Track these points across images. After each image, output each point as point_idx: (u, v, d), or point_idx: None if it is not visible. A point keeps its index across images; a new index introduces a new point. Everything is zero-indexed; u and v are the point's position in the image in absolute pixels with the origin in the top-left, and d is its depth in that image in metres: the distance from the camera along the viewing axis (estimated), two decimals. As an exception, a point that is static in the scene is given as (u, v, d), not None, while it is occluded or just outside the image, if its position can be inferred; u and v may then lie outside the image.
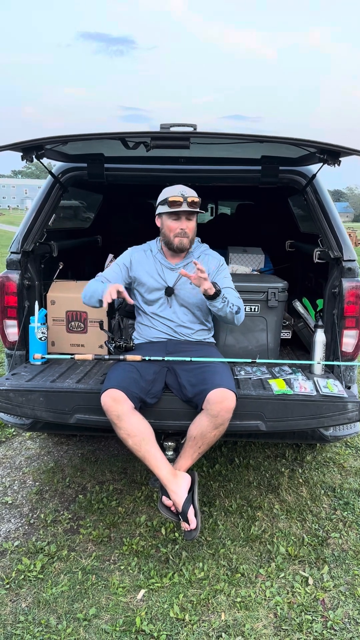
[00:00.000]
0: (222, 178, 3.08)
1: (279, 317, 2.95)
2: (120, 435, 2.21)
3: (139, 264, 2.61)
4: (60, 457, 3.33)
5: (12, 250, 2.78)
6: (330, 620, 2.04)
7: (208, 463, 3.24)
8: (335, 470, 3.22)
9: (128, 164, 3.01)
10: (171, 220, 2.49)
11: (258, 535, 2.55)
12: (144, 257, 2.63)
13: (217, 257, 2.66)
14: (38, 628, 1.98)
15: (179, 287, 2.56)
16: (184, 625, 2.02)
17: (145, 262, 2.61)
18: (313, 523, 2.67)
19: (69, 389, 2.38)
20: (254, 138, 2.34)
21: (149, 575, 2.27)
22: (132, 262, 2.62)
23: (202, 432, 2.21)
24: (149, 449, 2.21)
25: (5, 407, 2.36)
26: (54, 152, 2.76)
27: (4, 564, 2.34)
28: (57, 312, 2.95)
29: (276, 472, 3.17)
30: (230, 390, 2.18)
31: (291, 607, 2.11)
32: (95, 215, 4.36)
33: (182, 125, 2.30)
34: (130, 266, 2.62)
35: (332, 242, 2.68)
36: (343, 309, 2.62)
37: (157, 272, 2.58)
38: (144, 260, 2.62)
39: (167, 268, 2.58)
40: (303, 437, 2.75)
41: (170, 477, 2.21)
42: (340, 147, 2.23)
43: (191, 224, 2.51)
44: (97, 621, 2.03)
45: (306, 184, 2.84)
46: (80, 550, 2.43)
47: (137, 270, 2.61)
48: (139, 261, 2.62)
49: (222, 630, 1.99)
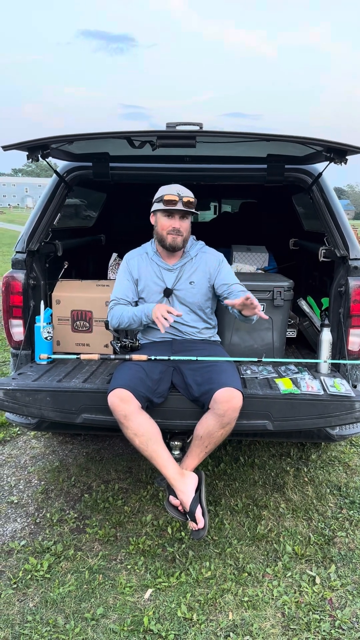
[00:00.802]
0: (227, 177, 3.07)
1: (285, 316, 2.95)
2: (127, 435, 2.21)
3: (138, 270, 2.61)
4: (65, 456, 3.33)
5: (17, 249, 2.77)
6: (338, 620, 2.04)
7: (213, 462, 3.24)
8: (340, 469, 3.22)
9: (133, 163, 3.00)
10: (165, 218, 2.50)
11: (264, 535, 2.55)
12: (141, 262, 2.62)
13: (215, 255, 2.65)
14: (46, 628, 1.98)
15: (178, 288, 2.55)
16: (191, 624, 2.02)
17: (143, 266, 2.61)
18: (319, 522, 2.67)
19: (76, 389, 2.38)
20: (261, 137, 2.33)
21: (155, 575, 2.27)
22: (132, 270, 2.61)
23: (209, 432, 2.21)
24: (156, 448, 2.20)
25: (12, 407, 2.35)
26: (60, 151, 2.75)
27: (11, 563, 2.35)
28: (62, 312, 2.95)
29: (281, 470, 3.17)
30: (237, 390, 2.18)
31: (299, 606, 2.11)
32: (98, 214, 4.36)
33: (188, 124, 2.29)
34: (134, 275, 2.61)
35: (339, 240, 2.68)
36: (349, 307, 2.61)
37: (155, 274, 2.58)
38: (142, 265, 2.61)
39: (164, 269, 2.58)
40: (309, 436, 2.75)
41: (178, 477, 2.21)
42: (347, 145, 2.22)
43: (185, 223, 2.51)
44: (105, 621, 2.03)
45: (312, 182, 2.84)
46: (87, 550, 2.43)
47: (139, 276, 2.60)
48: (138, 267, 2.61)
49: (230, 629, 1.99)
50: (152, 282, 2.57)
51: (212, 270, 2.58)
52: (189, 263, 2.58)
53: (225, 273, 2.59)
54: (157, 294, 2.57)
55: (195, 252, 2.62)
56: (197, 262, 2.59)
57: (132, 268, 2.62)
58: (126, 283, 2.60)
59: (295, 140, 2.28)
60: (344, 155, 2.39)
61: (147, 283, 2.58)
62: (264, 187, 3.07)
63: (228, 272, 2.60)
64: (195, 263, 2.59)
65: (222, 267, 2.60)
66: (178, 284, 2.55)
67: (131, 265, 2.63)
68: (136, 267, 2.62)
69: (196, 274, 2.57)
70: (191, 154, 2.88)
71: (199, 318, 2.60)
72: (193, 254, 2.62)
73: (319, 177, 2.81)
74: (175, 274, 2.56)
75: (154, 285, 2.57)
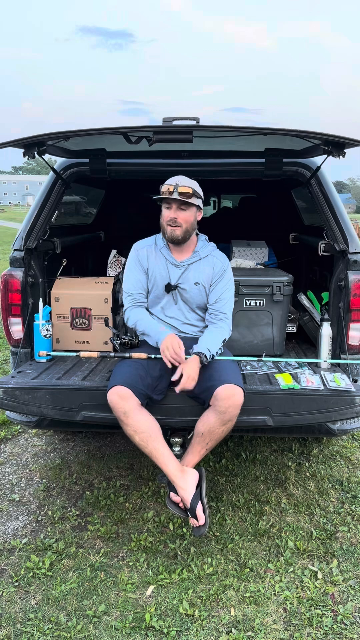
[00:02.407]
0: (225, 171, 3.05)
1: (285, 311, 2.93)
2: (127, 432, 2.20)
3: (148, 261, 2.55)
4: (66, 453, 3.33)
5: (15, 247, 2.76)
6: (341, 615, 2.04)
7: (214, 458, 3.23)
8: (342, 463, 3.21)
9: (130, 159, 2.98)
10: (165, 210, 2.46)
11: (266, 530, 2.54)
12: (150, 253, 2.57)
13: (223, 261, 2.56)
14: (48, 625, 1.99)
15: (182, 286, 2.51)
16: (193, 621, 2.01)
17: (153, 258, 2.56)
18: (321, 517, 2.67)
19: (75, 386, 2.37)
20: (258, 130, 2.31)
21: (157, 571, 2.27)
22: (142, 260, 2.56)
23: (210, 429, 2.20)
24: (156, 445, 2.20)
25: (11, 405, 2.35)
26: (56, 148, 2.74)
27: (13, 561, 2.35)
28: (61, 309, 2.94)
29: (283, 466, 3.17)
30: (238, 386, 2.17)
31: (301, 601, 2.11)
32: (97, 210, 4.34)
33: (184, 119, 2.27)
34: (144, 265, 2.56)
35: (338, 234, 2.66)
36: (349, 302, 2.60)
37: (163, 268, 2.54)
38: (151, 256, 2.56)
39: (171, 264, 2.53)
40: (310, 431, 2.74)
41: (178, 474, 2.21)
42: (345, 138, 2.20)
43: (183, 214, 2.42)
44: (107, 618, 2.03)
45: (310, 176, 2.82)
46: (89, 547, 2.44)
47: (148, 266, 2.55)
48: (147, 257, 2.56)
49: (232, 625, 1.99)
50: (159, 275, 2.53)
51: (214, 275, 2.52)
52: (196, 263, 2.52)
53: (221, 286, 2.51)
54: (162, 287, 2.54)
55: (205, 253, 2.56)
56: (205, 263, 2.53)
57: (142, 258, 2.57)
58: (138, 275, 2.56)
59: (292, 134, 2.26)
60: (342, 149, 2.37)
61: (155, 275, 2.53)
62: (263, 181, 3.05)
63: (223, 286, 2.52)
64: (203, 264, 2.53)
65: (222, 278, 2.53)
66: (182, 282, 2.51)
67: (141, 255, 2.58)
68: (146, 258, 2.56)
69: (202, 276, 2.52)
70: (188, 149, 2.87)
71: (200, 317, 2.58)
72: (203, 255, 2.55)
73: (317, 170, 2.79)
74: (181, 271, 2.52)
75: (160, 278, 2.53)
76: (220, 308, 2.49)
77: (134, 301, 2.55)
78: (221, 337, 2.43)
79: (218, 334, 2.43)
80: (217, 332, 2.44)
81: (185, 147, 2.76)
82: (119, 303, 2.99)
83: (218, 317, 2.49)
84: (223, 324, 2.47)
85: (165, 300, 2.55)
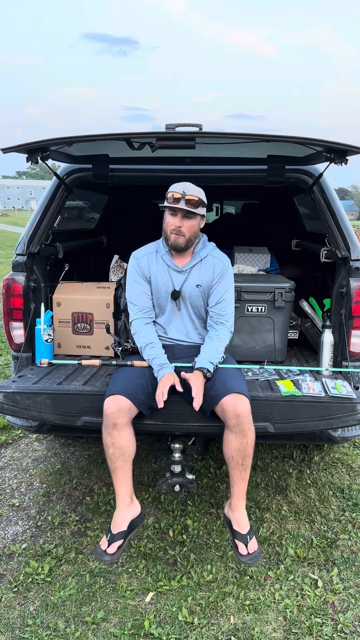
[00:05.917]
0: (228, 178, 3.06)
1: (286, 318, 2.93)
2: (105, 440, 2.16)
3: (149, 269, 2.51)
4: (67, 458, 3.33)
5: (17, 252, 2.77)
6: (341, 623, 2.02)
7: (215, 464, 3.23)
8: (343, 471, 3.20)
9: (133, 165, 2.99)
10: (169, 216, 2.40)
11: (266, 537, 2.53)
12: (152, 261, 2.52)
13: (223, 262, 2.53)
14: (46, 631, 1.98)
15: (186, 291, 2.47)
16: (192, 628, 2.00)
17: (154, 265, 2.51)
18: (322, 524, 2.65)
19: (76, 392, 2.37)
20: (260, 137, 2.32)
21: (157, 578, 2.26)
22: (144, 269, 2.51)
23: (236, 448, 2.16)
24: (123, 465, 2.17)
25: (12, 410, 2.35)
26: (59, 153, 2.75)
27: (12, 566, 2.34)
28: (63, 314, 2.94)
29: (284, 473, 3.15)
30: (242, 394, 2.15)
31: (301, 610, 2.10)
32: (100, 216, 4.36)
33: (187, 125, 2.28)
34: (146, 274, 2.51)
35: (340, 241, 2.66)
36: (351, 308, 2.60)
37: (165, 275, 2.49)
38: (152, 264, 2.51)
39: (174, 271, 2.50)
40: (311, 438, 2.73)
41: (126, 499, 2.19)
42: (347, 145, 2.21)
43: (188, 222, 2.38)
44: (106, 624, 2.02)
45: (313, 183, 2.82)
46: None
47: (150, 275, 2.51)
48: (149, 266, 2.51)
49: (231, 633, 1.98)
50: (162, 283, 2.49)
51: (215, 276, 2.49)
52: (197, 265, 2.49)
53: (221, 287, 2.49)
54: (164, 294, 2.50)
55: (205, 254, 2.52)
56: (206, 264, 2.50)
57: (143, 267, 2.52)
58: (141, 284, 2.51)
59: (294, 141, 2.26)
60: (344, 156, 2.37)
61: (157, 283, 2.49)
62: (265, 188, 3.06)
63: (223, 286, 2.50)
64: (204, 265, 2.49)
65: (223, 278, 2.50)
66: (185, 287, 2.48)
67: (142, 263, 2.52)
68: (147, 266, 2.51)
69: (203, 277, 2.48)
70: (191, 156, 2.87)
71: (204, 323, 2.56)
72: (203, 256, 2.51)
73: (319, 177, 2.79)
74: (184, 277, 2.48)
75: (163, 286, 2.49)
76: (221, 310, 2.47)
77: (139, 311, 2.49)
78: (222, 345, 2.40)
79: (219, 343, 2.40)
80: (218, 341, 2.40)
81: (188, 153, 2.77)
82: (121, 308, 2.99)
83: (219, 321, 2.46)
84: (224, 328, 2.45)
85: (169, 307, 2.52)
